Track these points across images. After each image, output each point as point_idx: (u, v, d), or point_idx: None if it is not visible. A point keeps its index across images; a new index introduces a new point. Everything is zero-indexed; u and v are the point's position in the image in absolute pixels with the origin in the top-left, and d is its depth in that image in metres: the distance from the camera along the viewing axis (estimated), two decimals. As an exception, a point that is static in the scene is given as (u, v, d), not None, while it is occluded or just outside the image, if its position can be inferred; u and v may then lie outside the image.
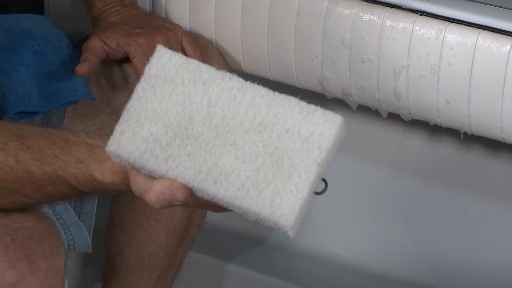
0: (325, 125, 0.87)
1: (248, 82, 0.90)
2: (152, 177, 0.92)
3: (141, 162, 0.91)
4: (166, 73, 0.93)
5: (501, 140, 1.36)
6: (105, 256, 1.55)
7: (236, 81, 0.91)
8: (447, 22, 1.34)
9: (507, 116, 1.32)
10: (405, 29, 1.35)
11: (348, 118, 1.55)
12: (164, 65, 0.93)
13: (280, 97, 0.89)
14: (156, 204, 0.93)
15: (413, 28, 1.35)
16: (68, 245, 1.32)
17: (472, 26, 1.33)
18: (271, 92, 0.89)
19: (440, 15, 1.35)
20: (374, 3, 1.38)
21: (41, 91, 1.38)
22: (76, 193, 1.04)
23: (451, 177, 1.55)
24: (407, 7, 1.36)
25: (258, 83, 0.90)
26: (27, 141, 1.07)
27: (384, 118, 1.47)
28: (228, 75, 0.91)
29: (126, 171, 0.96)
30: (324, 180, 0.89)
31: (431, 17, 1.35)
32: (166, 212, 1.46)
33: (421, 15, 1.35)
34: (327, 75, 1.44)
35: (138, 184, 0.93)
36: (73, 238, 1.33)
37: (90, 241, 1.37)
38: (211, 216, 1.53)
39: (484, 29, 1.32)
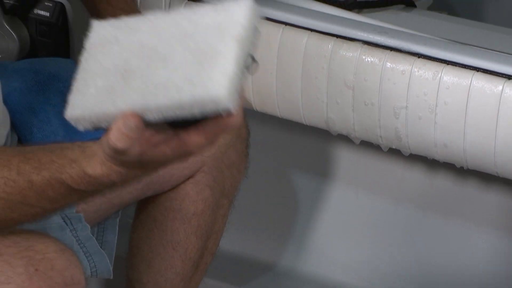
0: (236, 9, 0.88)
1: (171, 13, 0.92)
2: None
3: (97, 115, 0.93)
4: (101, 39, 0.94)
5: (495, 174, 1.37)
6: (125, 283, 1.54)
7: (160, 15, 0.93)
8: (444, 64, 1.35)
9: (500, 151, 1.33)
10: (404, 71, 1.36)
11: (352, 152, 1.60)
12: (99, 33, 0.95)
13: (198, 10, 0.89)
14: (118, 142, 0.91)
15: (411, 69, 1.36)
16: (91, 272, 1.32)
17: (467, 68, 1.33)
18: (191, 10, 0.90)
19: (436, 58, 1.35)
20: (375, 46, 1.39)
21: (66, 129, 1.37)
22: (75, 193, 1.03)
23: (448, 207, 1.55)
24: (406, 50, 1.37)
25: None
26: (28, 154, 1.07)
27: (385, 152, 1.47)
28: (151, 15, 0.93)
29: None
30: (252, 57, 0.90)
31: (428, 59, 1.36)
32: (182, 241, 1.45)
33: (419, 57, 1.36)
34: (332, 116, 1.45)
35: (105, 144, 0.93)
36: (95, 265, 1.33)
37: (111, 268, 1.37)
38: (223, 244, 1.52)
39: (478, 71, 1.32)
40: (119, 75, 0.92)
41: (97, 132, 1.43)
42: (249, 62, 0.90)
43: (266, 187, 1.68)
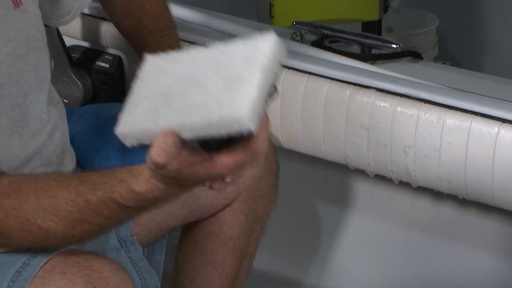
0: (262, 42, 0.88)
1: (209, 47, 0.92)
2: None
3: (141, 132, 0.92)
4: (152, 69, 0.95)
5: (492, 204, 1.36)
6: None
7: (199, 49, 0.93)
8: (447, 109, 1.33)
9: (497, 185, 1.31)
10: (412, 115, 1.35)
11: (367, 184, 1.59)
12: (150, 64, 0.96)
13: (231, 43, 0.90)
14: (158, 157, 0.90)
15: (418, 113, 1.35)
16: None
17: (467, 112, 1.32)
18: (225, 43, 0.90)
19: (440, 103, 1.34)
20: (387, 93, 1.38)
21: (122, 164, 1.36)
22: (125, 210, 1.03)
23: (452, 233, 1.53)
24: (413, 96, 1.36)
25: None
26: (84, 177, 1.07)
27: (396, 184, 1.46)
28: (193, 49, 0.94)
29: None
30: (274, 86, 0.89)
31: (433, 104, 1.35)
32: (220, 261, 1.44)
33: (425, 103, 1.35)
34: (350, 154, 1.44)
35: (148, 160, 0.92)
36: (146, 283, 1.31)
37: (159, 285, 1.35)
38: (256, 263, 1.50)
39: (476, 115, 1.31)
40: (162, 98, 0.92)
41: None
42: (272, 90, 0.89)
43: (293, 214, 1.68)
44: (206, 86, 0.90)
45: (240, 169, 0.94)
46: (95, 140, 1.40)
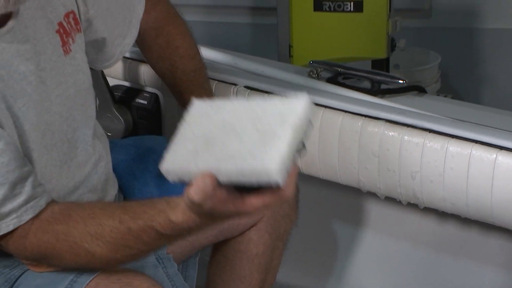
0: (295, 102, 0.89)
1: (249, 100, 0.94)
2: None
3: (182, 171, 0.94)
4: (197, 113, 0.96)
5: (492, 223, 1.35)
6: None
7: (241, 101, 0.94)
8: (449, 138, 1.33)
9: (496, 206, 1.30)
10: (418, 143, 1.35)
11: (378, 205, 1.56)
12: (196, 108, 0.97)
13: (269, 99, 0.92)
14: (195, 195, 0.91)
15: (424, 142, 1.34)
16: None
17: (468, 141, 1.32)
18: (263, 98, 0.92)
19: (443, 132, 1.34)
20: (395, 124, 1.38)
21: (159, 190, 1.38)
22: (162, 238, 1.03)
23: (456, 249, 1.52)
24: (419, 126, 1.36)
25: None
26: (127, 207, 1.08)
27: (405, 205, 1.45)
28: (236, 100, 0.96)
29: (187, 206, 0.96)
30: (303, 144, 0.90)
31: (437, 134, 1.35)
32: (247, 276, 1.43)
33: (429, 132, 1.35)
34: (362, 179, 1.44)
35: (185, 196, 0.93)
36: None
37: None
38: (279, 277, 1.49)
39: (476, 143, 1.31)
40: (203, 142, 0.93)
41: (182, 191, 1.42)
42: (300, 147, 0.90)
43: (312, 232, 1.67)
44: (243, 136, 0.90)
45: (267, 210, 0.95)
46: (135, 169, 1.40)
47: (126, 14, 1.37)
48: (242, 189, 0.93)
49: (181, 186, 1.37)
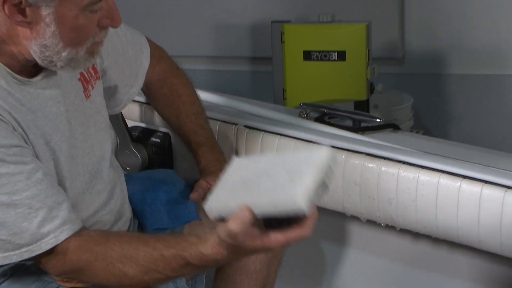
0: (320, 150, 0.95)
1: (280, 153, 1.02)
2: None
3: (223, 208, 0.96)
4: (236, 166, 1.00)
5: (458, 242, 1.35)
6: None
7: (274, 154, 1.02)
8: (420, 168, 1.33)
9: (461, 227, 1.30)
10: (393, 174, 1.35)
11: (360, 227, 1.55)
12: (235, 163, 1.01)
13: (297, 150, 1.01)
14: (235, 226, 0.93)
15: (398, 172, 1.34)
16: None
17: (436, 171, 1.32)
18: (294, 151, 1.02)
19: (415, 164, 1.34)
20: (374, 157, 1.38)
21: (169, 215, 1.38)
22: (190, 267, 1.04)
23: (428, 264, 1.50)
24: (394, 159, 1.36)
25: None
26: (160, 237, 1.11)
27: (383, 227, 1.45)
28: (270, 154, 1.01)
29: (218, 242, 0.98)
30: (326, 184, 0.94)
31: (410, 165, 1.35)
32: (252, 278, 1.41)
33: (403, 164, 1.35)
34: (346, 205, 1.43)
35: (222, 229, 0.95)
36: None
37: None
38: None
39: (443, 173, 1.31)
40: (241, 184, 0.97)
41: (190, 217, 1.41)
42: (324, 186, 0.94)
43: (303, 251, 1.64)
44: (274, 177, 0.94)
45: (288, 245, 0.97)
46: (148, 197, 1.41)
47: (133, 68, 1.41)
48: (270, 226, 0.95)
49: (187, 212, 1.39)
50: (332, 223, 1.59)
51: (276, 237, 0.95)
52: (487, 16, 2.34)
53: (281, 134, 1.47)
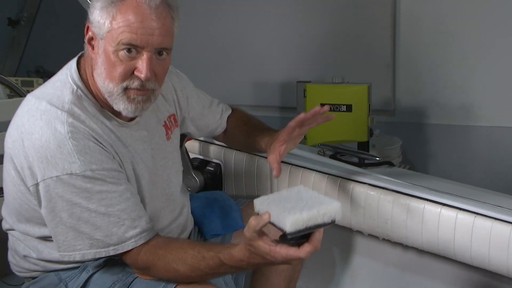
0: (332, 203, 0.92)
1: (311, 190, 0.97)
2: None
3: (262, 209, 0.94)
4: (275, 196, 0.97)
5: (437, 253, 1.32)
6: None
7: (303, 187, 0.97)
8: (409, 197, 1.33)
9: (441, 242, 1.28)
10: (389, 200, 1.34)
11: (364, 239, 1.52)
12: (292, 188, 0.99)
13: (320, 195, 0.96)
14: (254, 221, 0.91)
15: (393, 199, 1.34)
16: None
17: (421, 199, 1.31)
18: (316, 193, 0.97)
19: (406, 193, 1.34)
20: (375, 186, 1.37)
21: (222, 225, 1.37)
22: (224, 266, 1.01)
23: (415, 269, 1.47)
24: (390, 188, 1.36)
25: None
26: (205, 243, 1.11)
27: (381, 240, 1.43)
28: (301, 187, 0.99)
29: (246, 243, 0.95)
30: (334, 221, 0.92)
31: (402, 194, 1.34)
32: (276, 284, 1.37)
33: (397, 193, 1.34)
34: (353, 223, 1.42)
35: (246, 227, 0.93)
36: None
37: None
38: (298, 285, 1.45)
39: (427, 201, 1.30)
40: (278, 201, 0.94)
41: (237, 226, 1.40)
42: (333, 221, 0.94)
43: (320, 256, 1.59)
44: (304, 201, 0.93)
45: (304, 258, 0.94)
46: (205, 211, 1.40)
47: (209, 123, 1.39)
48: (289, 242, 0.92)
49: (235, 223, 1.38)
50: (341, 235, 1.58)
51: (305, 249, 0.92)
52: (458, 78, 2.33)
53: (304, 167, 1.48)
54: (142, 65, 1.02)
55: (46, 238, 1.11)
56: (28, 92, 1.11)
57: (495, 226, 1.21)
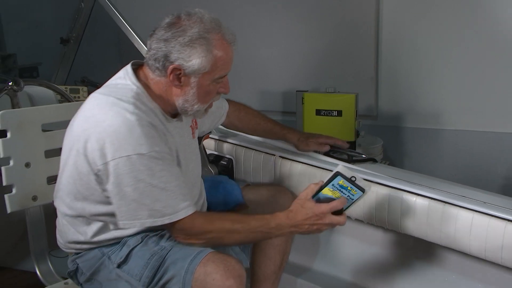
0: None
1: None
2: None
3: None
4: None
5: (413, 234, 1.29)
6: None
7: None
8: (390, 188, 1.30)
9: (404, 222, 1.25)
10: (373, 191, 1.31)
11: (348, 223, 1.40)
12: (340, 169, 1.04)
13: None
14: (313, 186, 1.03)
15: (376, 190, 1.30)
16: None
17: (399, 190, 1.28)
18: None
19: (387, 185, 1.31)
20: (398, 189, 1.30)
21: (224, 200, 1.34)
22: (272, 230, 1.05)
23: (401, 250, 1.42)
24: (375, 181, 1.32)
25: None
26: (255, 214, 1.10)
27: (365, 223, 1.39)
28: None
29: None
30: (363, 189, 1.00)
31: (384, 185, 1.31)
32: (272, 257, 1.33)
33: (380, 184, 1.31)
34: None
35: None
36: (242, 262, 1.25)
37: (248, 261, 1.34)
38: (290, 259, 1.38)
39: (404, 191, 1.27)
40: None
41: (238, 200, 1.37)
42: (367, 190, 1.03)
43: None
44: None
45: (334, 225, 1.04)
46: (211, 191, 1.36)
47: (214, 120, 1.41)
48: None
49: (236, 199, 1.34)
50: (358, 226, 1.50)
51: (331, 216, 0.99)
52: (430, 89, 2.32)
53: (302, 163, 1.47)
54: (227, 85, 1.12)
55: (97, 217, 1.10)
56: (75, 98, 1.16)
57: (461, 213, 1.21)
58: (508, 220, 1.14)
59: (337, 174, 1.02)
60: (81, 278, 1.16)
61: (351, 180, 1.00)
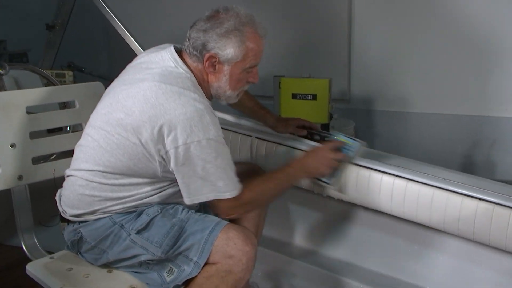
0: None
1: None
2: None
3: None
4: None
5: (390, 213, 1.26)
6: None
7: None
8: (359, 167, 1.26)
9: (383, 201, 1.22)
10: (351, 170, 1.27)
11: (320, 200, 1.45)
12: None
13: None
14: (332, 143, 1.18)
15: (359, 171, 1.27)
16: None
17: (375, 171, 1.24)
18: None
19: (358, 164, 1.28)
20: (366, 167, 1.27)
21: None
22: (291, 175, 1.12)
23: (394, 230, 1.38)
24: (375, 167, 1.26)
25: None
26: (281, 167, 1.13)
27: (345, 202, 1.33)
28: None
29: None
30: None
31: (367, 168, 1.26)
32: (250, 226, 1.27)
33: (360, 166, 1.26)
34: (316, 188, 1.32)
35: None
36: None
37: None
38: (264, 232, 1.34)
39: (384, 173, 1.23)
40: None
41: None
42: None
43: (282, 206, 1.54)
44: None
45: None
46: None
47: None
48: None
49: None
50: (301, 196, 1.48)
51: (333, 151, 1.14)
52: (397, 75, 2.31)
53: (278, 143, 1.44)
54: (256, 74, 1.14)
55: (137, 185, 1.10)
56: (61, 82, 1.08)
57: (422, 189, 1.19)
58: (465, 195, 1.15)
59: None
60: (83, 246, 1.13)
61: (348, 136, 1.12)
